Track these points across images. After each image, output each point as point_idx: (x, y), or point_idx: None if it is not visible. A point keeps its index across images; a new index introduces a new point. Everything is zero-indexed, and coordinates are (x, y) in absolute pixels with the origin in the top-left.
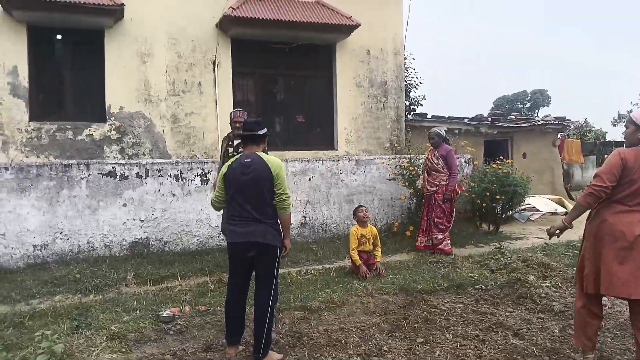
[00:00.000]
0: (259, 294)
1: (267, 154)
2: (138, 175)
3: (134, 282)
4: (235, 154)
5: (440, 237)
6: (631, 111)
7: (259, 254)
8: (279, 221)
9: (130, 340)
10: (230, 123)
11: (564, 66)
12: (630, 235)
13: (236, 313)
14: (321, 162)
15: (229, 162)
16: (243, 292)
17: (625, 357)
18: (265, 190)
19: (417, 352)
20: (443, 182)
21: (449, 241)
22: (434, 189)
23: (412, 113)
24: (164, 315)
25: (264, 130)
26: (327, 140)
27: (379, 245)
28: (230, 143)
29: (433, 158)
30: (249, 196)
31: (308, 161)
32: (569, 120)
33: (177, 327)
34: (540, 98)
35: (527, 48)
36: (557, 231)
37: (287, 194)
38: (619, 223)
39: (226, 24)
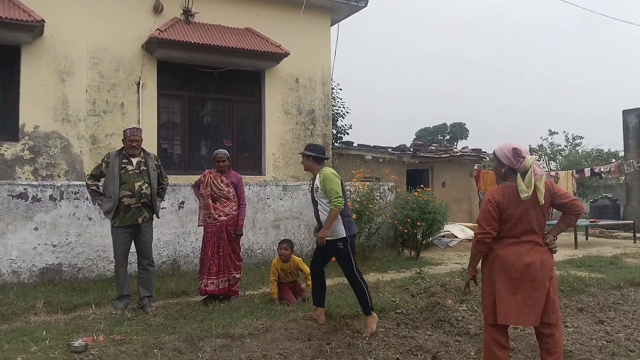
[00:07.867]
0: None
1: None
2: (52, 198)
3: (44, 311)
4: (137, 171)
5: (238, 276)
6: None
7: None
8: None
9: None
10: (125, 140)
11: (481, 102)
12: (520, 265)
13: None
14: (248, 186)
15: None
16: None
17: None
18: None
19: None
20: (234, 212)
21: None
22: (224, 218)
23: (339, 141)
24: (76, 345)
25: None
26: (254, 165)
27: (309, 273)
28: (126, 160)
29: (221, 184)
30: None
31: None
32: (485, 152)
33: (90, 357)
34: (459, 131)
35: (448, 85)
36: (466, 285)
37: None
38: (509, 255)
39: (152, 46)
